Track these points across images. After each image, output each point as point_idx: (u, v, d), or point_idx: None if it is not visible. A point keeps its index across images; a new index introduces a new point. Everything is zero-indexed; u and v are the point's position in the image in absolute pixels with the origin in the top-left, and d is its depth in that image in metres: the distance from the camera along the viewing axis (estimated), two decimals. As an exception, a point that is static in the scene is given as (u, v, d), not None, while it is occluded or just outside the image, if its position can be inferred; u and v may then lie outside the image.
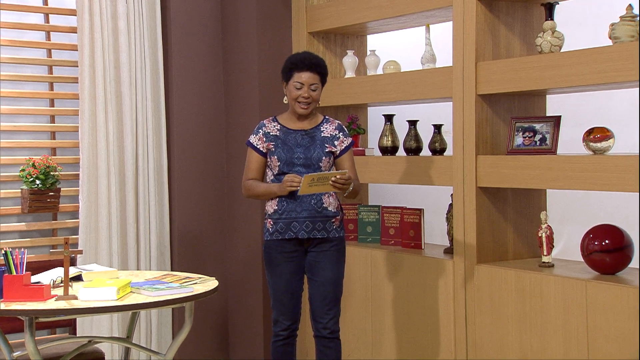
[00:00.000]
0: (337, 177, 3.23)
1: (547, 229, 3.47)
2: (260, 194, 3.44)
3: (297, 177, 3.30)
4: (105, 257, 4.43)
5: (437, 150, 4.07)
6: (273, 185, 3.40)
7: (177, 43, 4.74)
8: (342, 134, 3.52)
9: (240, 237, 4.82)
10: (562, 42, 3.40)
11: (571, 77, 3.22)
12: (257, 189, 3.45)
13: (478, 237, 3.62)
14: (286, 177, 3.34)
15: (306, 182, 3.20)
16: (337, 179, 3.24)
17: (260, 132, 3.49)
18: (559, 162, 3.29)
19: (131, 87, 4.55)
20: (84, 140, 4.41)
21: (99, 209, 4.44)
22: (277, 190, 3.38)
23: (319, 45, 4.62)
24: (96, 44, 4.43)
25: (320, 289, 3.45)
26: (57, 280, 3.31)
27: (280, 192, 3.37)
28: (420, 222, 4.10)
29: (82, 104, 4.41)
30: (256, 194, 3.46)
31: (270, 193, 3.41)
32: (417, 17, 4.07)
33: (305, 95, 3.39)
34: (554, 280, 3.27)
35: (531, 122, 3.55)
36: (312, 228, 3.41)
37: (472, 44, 3.62)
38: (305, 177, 3.21)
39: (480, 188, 3.63)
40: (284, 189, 3.34)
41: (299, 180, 3.29)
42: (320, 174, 3.23)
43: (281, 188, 3.36)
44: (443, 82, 3.80)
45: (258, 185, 3.45)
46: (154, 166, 4.62)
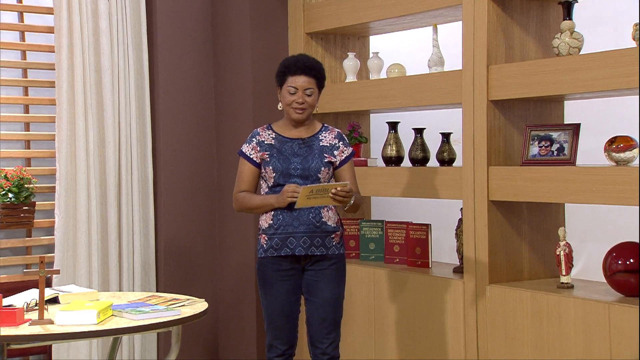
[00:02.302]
0: (338, 189, 3.22)
1: (565, 246, 3.46)
2: (255, 206, 3.43)
3: (298, 188, 3.29)
4: (85, 277, 4.41)
5: (446, 161, 4.07)
6: (270, 197, 3.39)
7: (163, 44, 4.74)
8: (342, 143, 3.51)
9: (232, 254, 4.81)
10: (581, 43, 3.40)
11: (591, 82, 3.22)
12: (251, 202, 3.43)
13: (490, 255, 3.61)
14: (286, 187, 3.33)
15: (304, 194, 3.19)
16: (337, 191, 3.23)
17: (254, 141, 3.48)
18: (578, 174, 3.29)
19: (113, 92, 4.54)
20: (61, 149, 4.40)
21: (77, 225, 4.42)
22: (274, 202, 3.37)
23: (318, 47, 4.62)
24: (75, 45, 4.42)
25: (318, 311, 3.44)
26: (32, 303, 3.29)
27: (279, 203, 3.36)
28: (427, 239, 4.09)
29: (59, 110, 4.40)
30: (250, 207, 3.45)
31: (267, 205, 3.39)
32: (423, 16, 4.08)
33: (299, 100, 3.39)
34: (574, 302, 3.26)
35: (548, 131, 3.54)
36: (310, 244, 3.40)
37: (484, 45, 3.62)
38: (304, 188, 3.20)
39: (492, 202, 3.63)
40: (283, 200, 3.33)
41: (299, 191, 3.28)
42: (319, 186, 3.22)
43: (280, 199, 3.35)
44: (452, 87, 3.80)
45: (252, 198, 3.44)
46: (138, 178, 4.62)
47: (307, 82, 3.40)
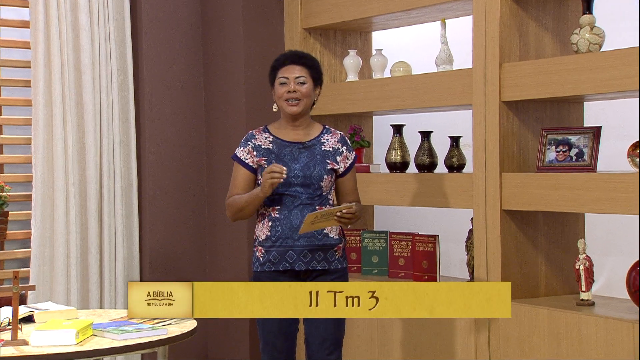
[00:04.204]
0: (343, 211, 3.24)
1: (585, 260, 3.45)
2: (245, 204, 3.41)
3: (276, 166, 3.26)
4: (62, 293, 4.40)
5: (455, 167, 4.07)
6: (255, 189, 3.37)
7: (149, 40, 4.73)
8: (345, 148, 3.51)
9: (224, 268, 4.80)
10: (602, 39, 3.41)
11: (613, 81, 3.22)
12: (240, 202, 3.42)
13: (503, 269, 3.61)
14: (267, 168, 3.30)
15: (309, 221, 3.22)
16: (342, 214, 3.24)
17: (250, 145, 3.47)
18: (599, 181, 3.29)
19: (94, 92, 4.54)
20: (37, 154, 4.39)
21: (55, 236, 4.41)
22: (259, 192, 3.34)
23: (316, 44, 4.63)
24: (53, 41, 4.41)
25: (318, 330, 3.43)
26: (4, 322, 3.27)
27: (263, 192, 3.32)
28: (434, 251, 4.09)
29: (35, 111, 4.40)
30: (240, 208, 3.43)
31: (255, 199, 3.37)
32: (430, 10, 4.08)
33: (291, 89, 3.38)
34: (595, 321, 3.26)
35: (566, 134, 3.54)
36: (312, 258, 3.39)
37: (496, 42, 3.62)
38: (308, 216, 3.22)
39: (505, 211, 3.63)
40: (264, 185, 3.29)
41: (280, 170, 3.25)
42: (324, 211, 3.24)
43: (262, 186, 3.31)
44: (461, 87, 3.80)
45: (240, 197, 3.43)
46: (121, 185, 4.61)
47: (298, 70, 3.40)
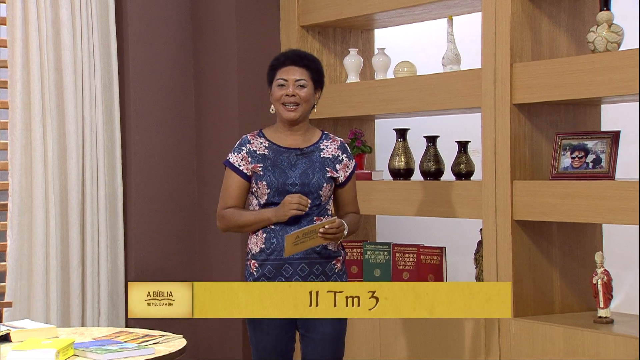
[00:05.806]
0: (326, 227, 3.24)
1: (603, 274, 3.45)
2: (248, 223, 3.40)
3: (303, 199, 3.27)
4: (41, 310, 4.39)
5: (463, 174, 4.08)
6: (266, 211, 3.36)
7: (135, 38, 4.74)
8: (345, 156, 3.50)
9: (216, 282, 4.78)
10: (621, 38, 3.41)
11: (632, 83, 3.22)
12: (242, 219, 3.41)
13: (515, 284, 3.61)
14: (288, 197, 3.30)
15: (290, 241, 3.20)
16: (326, 230, 3.23)
17: (244, 150, 3.47)
18: (617, 190, 3.29)
19: (77, 93, 4.54)
20: (14, 161, 4.39)
21: (33, 249, 4.40)
22: (272, 216, 3.34)
23: (315, 42, 4.64)
24: (31, 38, 4.41)
25: (317, 349, 3.42)
26: (-20, 341, 3.27)
27: (278, 218, 3.33)
28: (441, 264, 4.10)
29: (12, 114, 4.40)
30: (240, 225, 3.42)
31: (262, 221, 3.36)
32: (437, 7, 4.09)
33: (289, 93, 3.38)
34: (614, 340, 3.26)
35: (582, 139, 3.55)
36: (309, 272, 3.39)
37: (507, 40, 3.63)
38: (287, 237, 3.20)
39: (517, 222, 3.63)
40: (284, 214, 3.30)
41: (306, 203, 3.28)
42: (305, 229, 3.23)
43: (279, 212, 3.31)
44: (470, 89, 3.81)
45: (242, 214, 3.41)
46: (105, 194, 4.61)
47: (298, 72, 3.40)
